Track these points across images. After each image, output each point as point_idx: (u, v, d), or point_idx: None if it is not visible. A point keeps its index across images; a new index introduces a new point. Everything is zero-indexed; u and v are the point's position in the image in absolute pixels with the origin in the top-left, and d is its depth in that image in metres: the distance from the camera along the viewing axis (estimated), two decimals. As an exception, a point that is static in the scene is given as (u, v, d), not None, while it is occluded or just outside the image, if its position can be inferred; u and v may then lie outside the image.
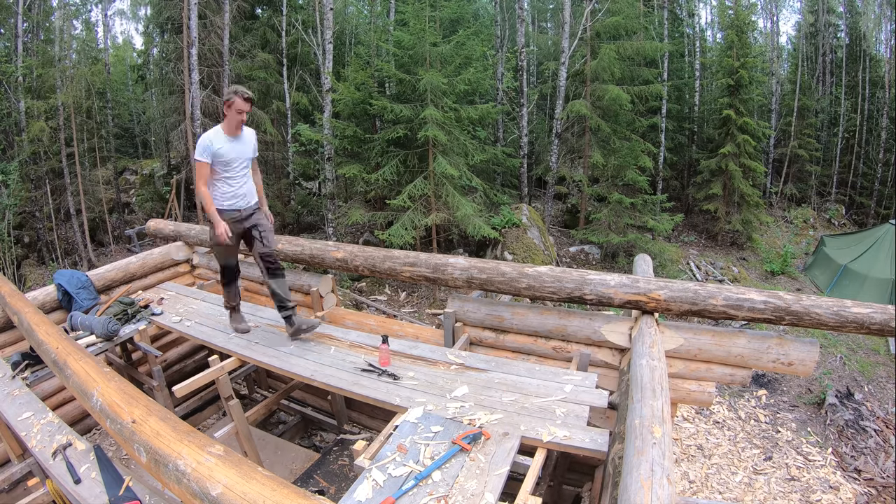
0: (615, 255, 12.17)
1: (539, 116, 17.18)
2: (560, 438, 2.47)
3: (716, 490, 5.75)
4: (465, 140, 10.25)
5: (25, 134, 12.12)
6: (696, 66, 16.69)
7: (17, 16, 12.27)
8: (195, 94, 11.73)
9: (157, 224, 6.03)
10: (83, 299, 4.59)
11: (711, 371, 3.17)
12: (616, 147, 11.66)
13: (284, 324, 3.79)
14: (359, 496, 2.11)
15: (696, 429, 6.85)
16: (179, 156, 16.42)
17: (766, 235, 14.70)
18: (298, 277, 4.76)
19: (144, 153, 23.03)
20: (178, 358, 5.49)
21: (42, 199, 13.06)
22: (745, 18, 13.55)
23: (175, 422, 2.17)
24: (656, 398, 2.31)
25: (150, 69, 17.69)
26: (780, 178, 17.46)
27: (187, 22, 11.37)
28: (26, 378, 3.53)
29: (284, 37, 14.25)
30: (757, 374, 7.66)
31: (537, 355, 3.59)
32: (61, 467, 2.62)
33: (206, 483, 1.79)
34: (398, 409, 2.83)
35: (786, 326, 2.97)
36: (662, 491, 1.76)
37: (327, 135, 11.36)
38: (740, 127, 13.05)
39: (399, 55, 10.41)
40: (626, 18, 11.45)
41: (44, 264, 13.05)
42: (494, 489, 2.15)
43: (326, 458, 4.54)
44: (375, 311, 9.79)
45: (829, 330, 2.80)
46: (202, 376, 3.59)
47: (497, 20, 15.33)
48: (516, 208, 11.72)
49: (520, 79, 13.21)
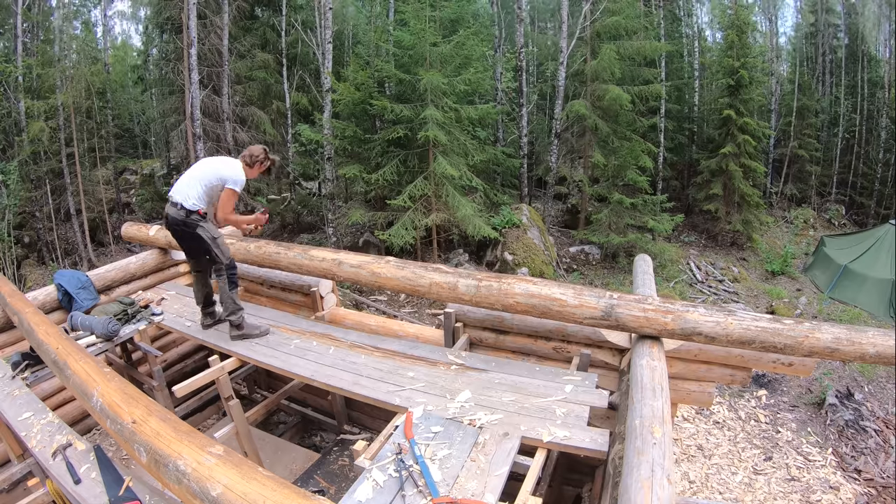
0: (615, 255, 12.17)
1: (539, 116, 17.18)
2: (560, 438, 2.47)
3: (716, 490, 5.75)
4: (466, 140, 10.26)
5: (25, 134, 12.13)
6: (695, 66, 16.69)
7: (17, 16, 12.27)
8: (195, 94, 11.73)
9: (129, 230, 5.63)
10: (83, 299, 4.59)
11: (711, 371, 3.17)
12: (616, 147, 11.66)
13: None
14: (359, 496, 2.11)
15: (696, 429, 6.85)
16: (179, 156, 16.39)
17: (767, 236, 14.69)
18: (299, 277, 4.76)
19: (144, 153, 23.04)
20: (179, 358, 5.49)
21: (42, 199, 13.06)
22: (745, 18, 13.55)
23: (175, 422, 2.17)
24: (656, 398, 2.31)
25: (149, 69, 17.69)
26: (780, 178, 17.46)
27: (187, 22, 11.37)
28: (26, 378, 3.53)
29: (284, 37, 14.26)
30: (757, 374, 7.66)
31: (537, 356, 3.58)
32: (61, 467, 2.62)
33: (206, 483, 1.80)
34: (398, 409, 2.83)
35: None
36: (662, 491, 1.76)
37: (327, 135, 11.35)
38: (740, 127, 13.04)
39: (399, 55, 10.41)
40: (626, 18, 11.45)
41: (44, 264, 13.05)
42: (495, 489, 2.15)
43: (326, 458, 4.54)
44: (375, 311, 9.78)
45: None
46: (202, 376, 3.60)
47: (496, 20, 15.33)
48: (516, 208, 11.72)
49: (519, 79, 13.21)
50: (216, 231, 3.74)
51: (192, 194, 3.59)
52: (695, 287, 11.50)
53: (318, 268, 3.96)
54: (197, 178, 3.64)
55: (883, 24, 17.23)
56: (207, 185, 3.64)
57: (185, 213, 3.55)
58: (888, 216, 14.24)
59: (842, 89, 18.03)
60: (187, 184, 3.63)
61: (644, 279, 3.87)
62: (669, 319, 2.76)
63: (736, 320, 2.68)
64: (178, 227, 3.66)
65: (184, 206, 3.55)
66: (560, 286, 3.07)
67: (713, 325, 2.69)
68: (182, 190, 3.62)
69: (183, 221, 3.59)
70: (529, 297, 3.06)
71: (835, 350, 2.58)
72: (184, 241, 3.83)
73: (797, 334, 2.60)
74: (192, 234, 3.65)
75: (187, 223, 3.59)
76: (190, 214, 3.57)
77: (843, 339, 2.57)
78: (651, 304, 2.85)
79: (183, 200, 3.56)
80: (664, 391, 2.39)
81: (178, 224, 3.63)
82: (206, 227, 3.66)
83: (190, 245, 3.85)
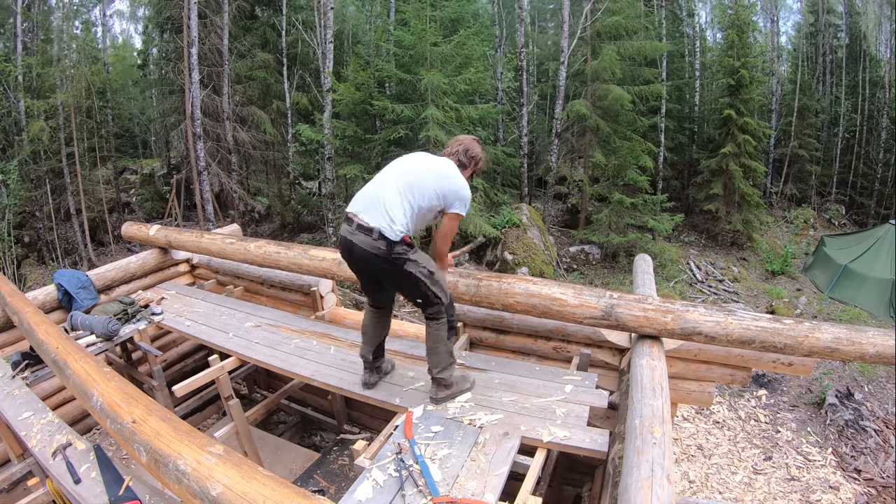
0: (615, 255, 12.17)
1: (539, 116, 17.17)
2: (560, 438, 2.47)
3: (716, 490, 5.75)
4: (466, 140, 10.23)
5: (25, 133, 12.13)
6: (696, 66, 16.69)
7: (17, 15, 12.28)
8: (195, 93, 11.73)
9: (130, 229, 5.57)
10: (83, 299, 4.59)
11: (711, 371, 3.17)
12: (616, 147, 11.66)
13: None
14: (359, 496, 2.11)
15: (696, 429, 6.85)
16: (179, 155, 16.44)
17: (767, 235, 14.69)
18: (299, 277, 4.76)
19: (144, 153, 23.05)
20: (178, 358, 5.49)
21: (42, 199, 13.07)
22: (745, 18, 13.55)
23: (175, 421, 2.17)
24: (656, 398, 2.31)
25: (150, 69, 17.70)
26: (780, 178, 17.46)
27: (187, 21, 11.37)
28: (26, 378, 3.53)
29: (284, 36, 14.26)
30: (757, 374, 7.66)
31: (537, 355, 3.58)
32: (61, 467, 2.62)
33: (206, 483, 1.79)
34: (398, 408, 2.83)
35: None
36: (662, 491, 1.76)
37: (327, 135, 11.35)
38: (741, 127, 13.05)
39: (399, 55, 10.41)
40: (627, 18, 11.46)
41: (44, 264, 13.05)
42: (494, 489, 2.15)
43: (326, 457, 4.54)
44: (375, 310, 9.76)
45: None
46: (202, 376, 3.59)
47: (496, 20, 15.33)
48: (516, 208, 11.71)
49: (520, 79, 13.21)
50: (430, 261, 2.61)
51: (397, 217, 2.42)
52: (695, 287, 11.50)
53: (319, 267, 3.96)
54: (404, 193, 2.48)
55: (884, 23, 17.23)
56: (424, 206, 2.52)
57: (387, 245, 2.40)
58: (888, 216, 14.24)
59: (842, 89, 18.04)
60: (390, 200, 2.45)
61: (644, 279, 3.86)
62: (669, 319, 2.76)
63: (736, 320, 2.67)
64: (376, 263, 2.48)
65: (383, 235, 2.39)
66: (560, 286, 3.07)
67: (713, 325, 2.69)
68: (378, 208, 2.44)
69: (384, 258, 2.43)
70: (529, 296, 3.06)
71: (835, 350, 2.58)
72: (377, 280, 2.69)
73: (797, 334, 2.60)
74: (396, 273, 2.50)
75: (393, 260, 2.44)
76: (394, 246, 2.41)
77: (843, 338, 2.57)
78: (651, 303, 2.85)
79: (382, 226, 2.40)
80: (664, 391, 2.39)
81: (374, 260, 2.46)
82: (417, 259, 2.50)
83: (388, 284, 2.72)
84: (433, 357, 2.72)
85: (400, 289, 2.71)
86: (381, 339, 2.93)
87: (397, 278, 2.55)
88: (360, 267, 2.60)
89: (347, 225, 2.51)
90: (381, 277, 2.64)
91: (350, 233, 2.48)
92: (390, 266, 2.47)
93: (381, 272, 2.56)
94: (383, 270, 2.52)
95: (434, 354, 2.71)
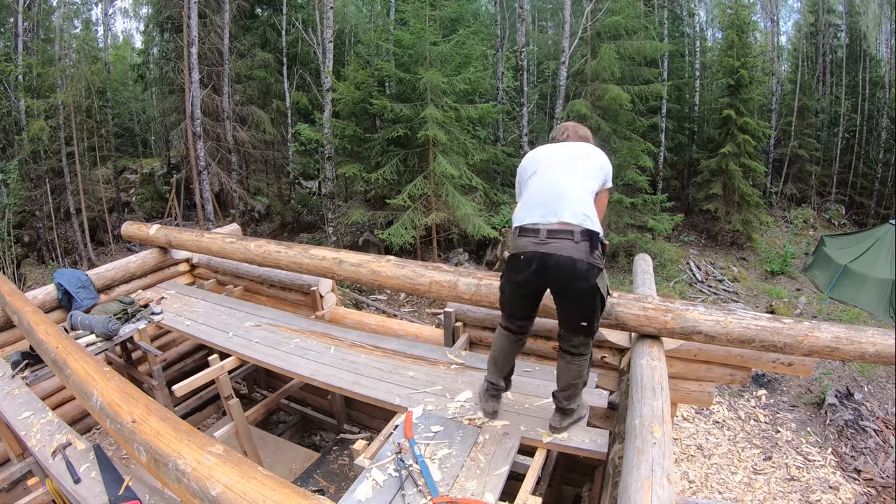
0: (615, 254, 12.17)
1: (539, 116, 17.17)
2: (560, 438, 2.47)
3: (715, 490, 5.75)
4: (466, 139, 10.26)
5: (25, 133, 12.12)
6: (696, 66, 16.69)
7: (17, 14, 12.27)
8: (195, 93, 11.73)
9: (129, 229, 5.55)
10: (83, 298, 4.58)
11: (711, 371, 3.16)
12: (616, 146, 11.66)
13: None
14: (359, 496, 2.11)
15: (695, 429, 6.86)
16: (179, 155, 16.43)
17: (767, 235, 14.69)
18: (299, 276, 4.76)
19: (144, 152, 23.03)
20: (178, 357, 5.49)
21: (42, 199, 13.06)
22: (745, 18, 13.55)
23: (175, 421, 2.17)
24: (656, 398, 2.31)
25: (150, 68, 17.70)
26: (780, 178, 17.46)
27: (187, 21, 11.36)
28: (26, 377, 3.53)
29: (284, 36, 14.27)
30: (757, 373, 7.66)
31: (537, 355, 3.58)
32: (61, 467, 2.62)
33: (205, 482, 1.79)
34: (398, 408, 2.83)
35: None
36: (662, 491, 1.76)
37: (327, 134, 11.35)
38: (740, 127, 13.05)
39: (399, 54, 10.41)
40: (627, 18, 11.46)
41: (44, 263, 13.05)
42: (494, 489, 2.15)
43: (326, 457, 4.54)
44: (375, 310, 9.78)
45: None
46: (202, 375, 3.59)
47: (497, 19, 15.33)
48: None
49: (520, 78, 13.21)
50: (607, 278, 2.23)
51: (588, 207, 2.07)
52: (695, 286, 11.51)
53: (319, 267, 3.96)
54: (581, 181, 2.14)
55: (884, 23, 17.23)
56: (595, 189, 2.20)
57: (590, 245, 1.99)
58: (888, 216, 14.24)
59: (842, 89, 18.03)
60: (578, 186, 2.10)
61: (644, 278, 3.86)
62: (669, 318, 2.76)
63: (736, 319, 2.67)
64: (575, 274, 2.01)
65: (587, 231, 2.01)
66: (560, 286, 3.06)
67: (713, 324, 2.69)
68: (564, 202, 2.06)
69: (585, 265, 2.00)
70: (529, 296, 3.05)
71: (834, 349, 2.58)
72: (538, 300, 2.29)
73: (797, 333, 2.60)
74: (580, 292, 2.07)
75: (588, 269, 2.01)
76: (595, 248, 2.02)
77: (843, 338, 2.56)
78: (651, 302, 2.85)
79: (581, 220, 2.02)
80: (664, 391, 2.39)
81: (573, 271, 2.00)
82: (604, 272, 2.12)
83: (564, 300, 2.17)
84: (569, 391, 2.38)
85: (575, 305, 2.15)
86: (513, 365, 2.56)
87: (580, 293, 2.07)
88: (551, 283, 2.11)
89: (530, 237, 2.04)
90: (565, 291, 2.11)
91: (539, 244, 2.00)
92: (582, 282, 2.01)
93: (568, 284, 2.06)
94: (572, 282, 2.04)
95: (571, 389, 2.38)
